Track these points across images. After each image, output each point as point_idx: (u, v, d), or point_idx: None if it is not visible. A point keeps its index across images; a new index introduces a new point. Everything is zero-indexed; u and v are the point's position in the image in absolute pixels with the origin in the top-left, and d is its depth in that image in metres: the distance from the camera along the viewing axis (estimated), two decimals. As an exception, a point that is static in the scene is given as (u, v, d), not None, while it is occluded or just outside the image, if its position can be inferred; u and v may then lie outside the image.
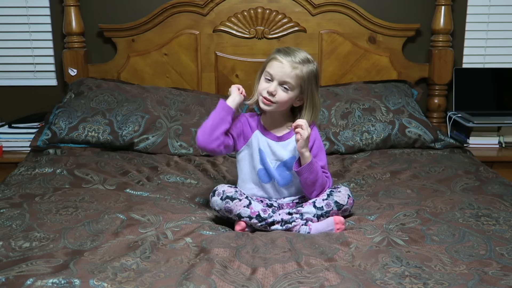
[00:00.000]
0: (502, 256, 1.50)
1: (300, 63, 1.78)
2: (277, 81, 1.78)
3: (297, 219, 1.75)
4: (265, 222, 1.73)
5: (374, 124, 2.60)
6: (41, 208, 1.82)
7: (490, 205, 1.85)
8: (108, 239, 1.60)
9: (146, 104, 2.64)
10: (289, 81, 1.77)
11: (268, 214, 1.73)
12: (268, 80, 1.80)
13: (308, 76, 1.79)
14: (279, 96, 1.78)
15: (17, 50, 3.07)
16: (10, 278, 1.34)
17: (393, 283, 1.34)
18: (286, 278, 1.37)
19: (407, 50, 3.04)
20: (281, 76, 1.77)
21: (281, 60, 1.77)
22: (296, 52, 1.80)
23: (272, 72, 1.78)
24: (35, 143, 2.54)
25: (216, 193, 1.77)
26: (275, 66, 1.78)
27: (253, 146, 1.87)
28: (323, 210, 1.77)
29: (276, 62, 1.78)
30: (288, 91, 1.79)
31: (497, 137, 2.86)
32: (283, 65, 1.77)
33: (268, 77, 1.80)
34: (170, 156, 2.50)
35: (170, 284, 1.34)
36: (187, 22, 2.94)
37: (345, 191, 1.83)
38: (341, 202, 1.79)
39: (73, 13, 2.88)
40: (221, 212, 1.77)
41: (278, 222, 1.73)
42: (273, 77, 1.78)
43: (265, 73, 1.81)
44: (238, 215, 1.73)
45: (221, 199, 1.75)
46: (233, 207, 1.72)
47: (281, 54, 1.79)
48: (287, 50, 1.81)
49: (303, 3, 2.92)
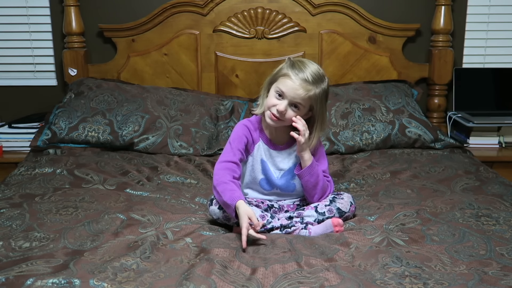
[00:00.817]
0: (502, 256, 1.50)
1: (314, 84, 1.71)
2: (288, 101, 1.72)
3: (296, 223, 1.74)
4: (264, 228, 1.71)
5: (374, 124, 2.60)
6: (41, 208, 1.82)
7: (490, 205, 1.85)
8: (108, 239, 1.60)
9: (146, 104, 2.64)
10: (301, 102, 1.72)
11: (266, 220, 1.72)
12: (279, 96, 1.73)
13: (320, 97, 1.75)
14: (288, 114, 1.73)
15: (17, 50, 3.07)
16: (10, 278, 1.34)
17: (393, 283, 1.34)
18: (286, 278, 1.37)
19: (407, 50, 3.04)
20: (293, 97, 1.71)
21: (294, 80, 1.70)
22: (309, 68, 1.72)
23: (284, 90, 1.71)
24: (35, 143, 2.54)
25: (213, 202, 1.76)
26: (288, 85, 1.71)
27: (255, 157, 1.84)
28: (324, 216, 1.76)
29: (289, 81, 1.71)
30: (298, 111, 1.74)
31: (497, 137, 2.86)
32: (296, 87, 1.70)
33: (279, 92, 1.73)
34: (170, 156, 2.50)
35: (170, 284, 1.34)
36: (187, 22, 2.94)
37: (347, 198, 1.82)
38: (343, 209, 1.79)
39: (73, 13, 2.88)
40: (219, 220, 1.76)
41: (277, 228, 1.73)
42: (285, 95, 1.72)
43: (276, 88, 1.74)
44: (236, 222, 1.71)
45: (219, 208, 1.74)
46: (231, 216, 1.69)
47: (295, 71, 1.71)
48: (300, 66, 1.73)
49: (303, 3, 2.92)
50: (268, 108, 1.76)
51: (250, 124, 1.86)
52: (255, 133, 1.84)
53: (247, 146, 1.83)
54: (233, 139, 1.81)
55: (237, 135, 1.82)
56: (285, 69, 1.74)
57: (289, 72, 1.72)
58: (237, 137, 1.81)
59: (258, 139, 1.85)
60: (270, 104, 1.75)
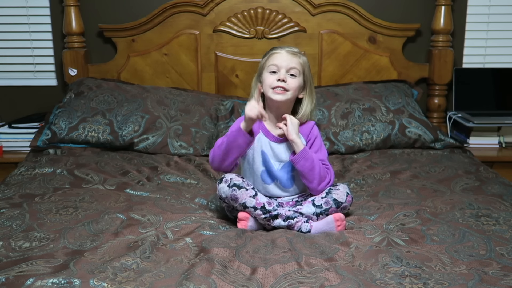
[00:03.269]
0: (502, 256, 1.50)
1: (298, 52, 1.88)
2: (284, 69, 1.83)
3: (299, 216, 1.76)
4: (269, 214, 1.73)
5: (374, 124, 2.60)
6: (41, 208, 1.82)
7: (490, 205, 1.86)
8: (108, 239, 1.60)
9: (146, 104, 2.65)
10: (295, 66, 1.84)
11: (273, 207, 1.74)
12: (273, 73, 1.84)
13: (307, 64, 1.89)
14: (290, 82, 1.83)
15: (17, 50, 3.07)
16: (10, 278, 1.35)
17: (393, 283, 1.34)
18: (286, 278, 1.37)
19: (407, 50, 3.04)
20: (287, 63, 1.83)
21: (281, 52, 1.86)
22: (285, 46, 1.91)
23: (276, 63, 1.84)
24: (35, 143, 2.54)
25: (223, 180, 1.77)
26: (277, 57, 1.85)
27: (255, 149, 1.86)
28: (322, 208, 1.77)
29: (276, 54, 1.85)
30: (296, 77, 1.84)
31: (497, 137, 2.86)
32: (285, 56, 1.84)
33: (273, 69, 1.84)
34: (170, 156, 2.50)
35: (170, 284, 1.34)
36: (187, 22, 2.94)
37: (343, 188, 1.83)
38: (339, 199, 1.79)
39: (73, 13, 2.88)
40: (226, 199, 1.77)
41: (282, 216, 1.74)
42: (279, 67, 1.83)
43: (268, 68, 1.85)
44: (243, 204, 1.73)
45: (228, 186, 1.75)
46: (239, 196, 1.73)
47: (277, 48, 1.88)
48: (278, 46, 1.92)
49: (303, 3, 2.92)
50: (270, 86, 1.84)
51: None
52: (256, 125, 1.86)
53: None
54: (231, 127, 1.84)
55: (235, 124, 1.84)
56: (267, 55, 1.89)
57: (273, 51, 1.88)
58: (235, 124, 1.84)
59: (258, 130, 1.87)
60: (270, 82, 1.84)
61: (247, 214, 1.75)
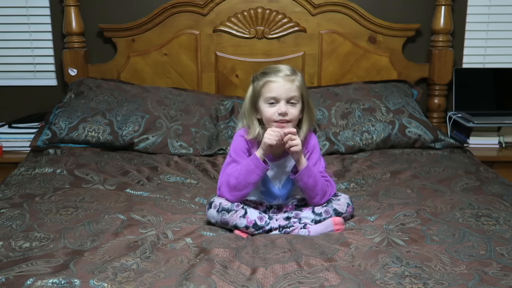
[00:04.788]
0: (502, 256, 1.50)
1: (293, 74, 1.76)
2: (284, 100, 1.74)
3: (294, 223, 1.74)
4: (262, 230, 1.72)
5: (374, 124, 2.60)
6: (41, 208, 1.82)
7: (490, 205, 1.86)
8: (108, 239, 1.60)
9: (146, 104, 2.64)
10: (295, 94, 1.74)
11: (265, 221, 1.72)
12: (272, 104, 1.75)
13: (303, 83, 1.79)
14: (291, 113, 1.75)
15: (17, 50, 3.07)
16: (10, 278, 1.35)
17: (393, 283, 1.34)
18: (286, 278, 1.38)
19: (407, 50, 3.04)
20: (287, 94, 1.73)
21: (277, 81, 1.74)
22: (279, 66, 1.78)
23: (275, 95, 1.73)
24: (35, 143, 2.54)
25: (212, 205, 1.75)
26: (274, 88, 1.73)
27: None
28: (321, 217, 1.76)
29: (273, 84, 1.74)
30: (296, 105, 1.76)
31: (497, 137, 2.86)
32: (283, 84, 1.73)
33: (271, 101, 1.75)
34: (170, 156, 2.50)
35: (170, 284, 1.34)
36: (187, 22, 2.94)
37: (344, 199, 1.82)
38: (340, 210, 1.79)
39: (73, 13, 2.88)
40: (217, 224, 1.75)
41: (276, 229, 1.73)
42: (278, 98, 1.74)
43: (265, 99, 1.75)
44: (234, 226, 1.72)
45: (217, 211, 1.73)
46: (229, 219, 1.71)
47: (271, 75, 1.75)
48: (271, 69, 1.78)
49: (303, 3, 2.92)
50: (270, 119, 1.75)
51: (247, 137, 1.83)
52: (252, 145, 1.82)
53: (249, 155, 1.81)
54: (234, 151, 1.81)
55: (238, 146, 1.81)
56: (261, 82, 1.76)
57: (267, 79, 1.75)
58: (238, 148, 1.81)
59: (255, 150, 1.80)
60: (270, 114, 1.75)
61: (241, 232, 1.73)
